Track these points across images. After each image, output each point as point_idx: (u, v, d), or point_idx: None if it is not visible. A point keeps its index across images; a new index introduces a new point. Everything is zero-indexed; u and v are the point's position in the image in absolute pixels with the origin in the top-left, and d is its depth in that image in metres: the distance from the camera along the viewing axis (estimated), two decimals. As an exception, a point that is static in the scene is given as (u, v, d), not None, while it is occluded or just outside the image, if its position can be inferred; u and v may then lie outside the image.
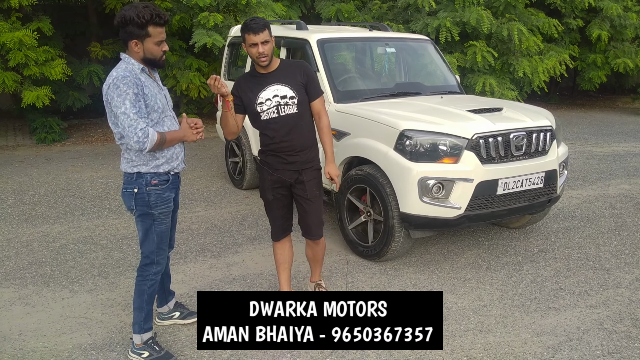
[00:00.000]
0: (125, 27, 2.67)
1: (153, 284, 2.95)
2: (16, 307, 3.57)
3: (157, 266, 2.94)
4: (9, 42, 7.38)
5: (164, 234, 2.92)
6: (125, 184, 2.85)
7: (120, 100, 2.60)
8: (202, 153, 8.10)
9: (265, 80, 3.17)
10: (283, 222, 3.42)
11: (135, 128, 2.60)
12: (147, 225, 2.86)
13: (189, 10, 8.34)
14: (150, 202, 2.82)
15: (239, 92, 3.20)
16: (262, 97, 3.15)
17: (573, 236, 4.87)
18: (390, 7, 10.81)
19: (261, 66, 3.14)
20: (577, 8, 11.61)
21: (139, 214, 2.85)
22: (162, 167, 2.83)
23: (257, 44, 3.04)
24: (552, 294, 3.78)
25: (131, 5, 2.70)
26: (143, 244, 2.91)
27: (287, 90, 3.16)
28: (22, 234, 4.84)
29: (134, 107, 2.61)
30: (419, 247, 4.58)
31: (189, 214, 5.42)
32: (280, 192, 3.31)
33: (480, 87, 9.74)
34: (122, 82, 2.61)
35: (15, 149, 8.24)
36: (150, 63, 2.78)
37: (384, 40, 5.31)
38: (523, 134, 4.07)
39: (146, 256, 2.92)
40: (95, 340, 3.20)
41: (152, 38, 2.71)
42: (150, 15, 2.65)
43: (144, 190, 2.80)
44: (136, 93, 2.63)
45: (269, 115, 3.16)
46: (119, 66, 2.71)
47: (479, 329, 3.33)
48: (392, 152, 3.93)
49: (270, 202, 3.35)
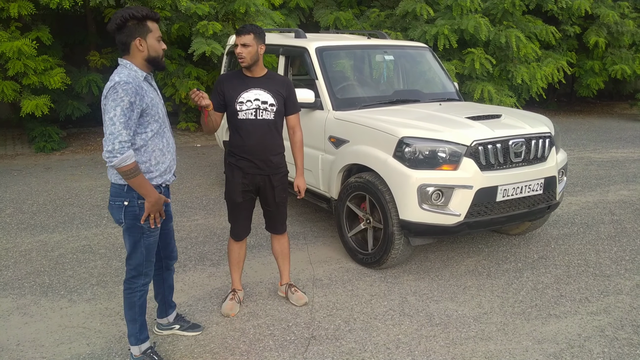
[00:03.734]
0: (125, 28, 2.61)
1: (142, 294, 2.89)
2: (14, 317, 3.55)
3: (146, 277, 2.87)
4: (8, 52, 7.38)
5: (152, 246, 2.85)
6: (113, 196, 2.75)
7: (113, 105, 2.53)
8: (201, 161, 8.09)
9: (250, 82, 3.34)
10: (247, 222, 3.59)
11: (115, 137, 2.52)
12: (136, 238, 2.78)
13: (187, 19, 8.37)
14: (140, 216, 2.74)
15: (222, 87, 3.35)
16: (244, 97, 3.32)
17: (573, 243, 4.87)
18: (389, 15, 10.86)
19: (243, 67, 3.34)
20: (574, 15, 11.68)
21: (127, 226, 2.76)
22: (154, 180, 2.77)
23: (238, 45, 3.27)
24: (553, 301, 3.77)
25: (122, 8, 2.68)
26: (131, 256, 2.82)
27: (269, 97, 3.33)
28: (20, 243, 4.82)
29: (123, 116, 2.53)
30: (419, 254, 4.57)
31: (188, 222, 5.40)
32: (249, 195, 3.48)
33: (478, 94, 9.77)
34: (121, 88, 2.53)
35: (14, 158, 8.23)
36: (153, 63, 2.72)
37: (383, 47, 5.33)
38: (522, 141, 4.07)
39: (133, 268, 2.84)
40: (94, 350, 3.17)
41: (153, 33, 2.68)
42: (146, 10, 2.65)
43: (135, 203, 2.72)
44: (132, 102, 2.55)
45: (245, 115, 3.32)
46: (121, 71, 2.63)
47: (479, 337, 3.31)
48: (391, 160, 3.93)
49: (239, 205, 3.49)
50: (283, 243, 3.71)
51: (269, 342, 3.25)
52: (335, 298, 3.80)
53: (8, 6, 7.54)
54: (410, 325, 3.45)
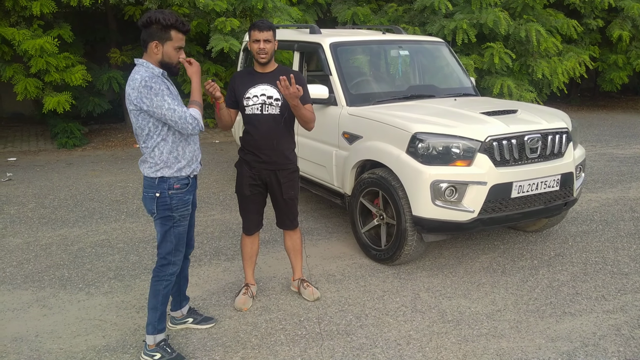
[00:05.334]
0: (149, 28, 2.76)
1: (168, 284, 3.00)
2: (34, 309, 3.64)
3: (174, 267, 3.00)
4: (30, 49, 7.54)
5: (181, 236, 2.99)
6: (146, 188, 2.91)
7: (160, 98, 2.69)
8: (219, 157, 8.16)
9: (258, 78, 3.38)
10: (257, 216, 3.62)
11: (185, 119, 2.74)
12: (167, 228, 2.93)
13: (206, 16, 8.43)
14: (172, 206, 2.89)
15: (233, 84, 3.42)
16: (251, 92, 3.36)
17: (591, 240, 4.79)
18: (407, 9, 10.79)
19: (260, 63, 3.36)
20: (597, 8, 11.43)
21: (159, 216, 2.92)
22: (184, 170, 2.91)
23: (260, 40, 3.28)
24: (568, 299, 3.72)
25: (158, 9, 2.81)
26: (161, 245, 2.97)
27: (274, 91, 3.36)
28: (41, 237, 4.93)
29: (173, 100, 2.73)
30: (433, 250, 4.55)
31: (205, 217, 5.46)
32: (257, 189, 3.50)
33: (498, 89, 9.66)
34: (152, 82, 2.70)
35: (37, 154, 8.40)
36: (166, 67, 2.84)
37: (397, 42, 5.30)
38: (538, 136, 4.02)
39: (163, 257, 2.97)
40: (109, 342, 3.24)
41: (172, 42, 2.79)
42: (175, 20, 2.76)
43: (166, 194, 2.88)
44: (167, 87, 2.75)
45: (252, 110, 3.37)
46: (139, 70, 2.77)
47: (492, 334, 3.29)
48: (404, 155, 3.92)
49: (247, 198, 3.53)
50: (295, 239, 3.73)
51: (280, 337, 3.28)
52: (348, 294, 3.82)
53: (31, 5, 7.69)
54: (422, 321, 3.45)
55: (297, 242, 3.74)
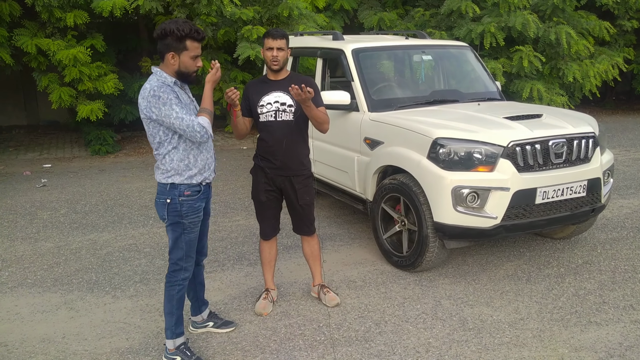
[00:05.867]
0: (164, 39, 2.81)
1: (181, 288, 3.05)
2: (61, 311, 3.75)
3: (185, 272, 3.04)
4: (64, 59, 7.80)
5: (192, 242, 3.03)
6: (158, 194, 2.97)
7: (167, 107, 2.74)
8: (246, 163, 8.25)
9: (272, 86, 3.43)
10: (274, 221, 3.65)
11: (193, 127, 2.77)
12: (177, 234, 2.97)
13: (233, 24, 8.55)
14: (182, 212, 2.93)
15: (247, 93, 3.47)
16: (265, 100, 3.41)
17: (621, 247, 4.66)
18: (433, 14, 10.72)
19: (272, 70, 3.41)
20: (631, 9, 11.13)
21: (170, 222, 2.97)
22: (195, 178, 2.94)
23: (273, 48, 3.35)
24: (595, 308, 3.63)
25: (172, 19, 2.84)
26: (172, 251, 3.02)
27: (287, 98, 3.40)
28: (72, 242, 5.08)
29: (182, 109, 2.78)
30: (457, 257, 4.50)
31: (230, 222, 5.53)
32: (273, 194, 3.54)
33: (527, 92, 9.50)
34: (160, 91, 2.74)
35: (71, 161, 8.66)
36: (182, 77, 2.89)
37: (420, 47, 5.28)
38: (563, 141, 3.94)
39: (174, 263, 3.02)
40: (132, 345, 3.31)
41: (188, 52, 2.83)
42: (189, 29, 2.79)
43: (176, 200, 2.92)
44: (176, 96, 2.79)
45: (266, 118, 3.41)
46: (151, 79, 2.84)
47: (513, 343, 3.24)
48: (425, 161, 3.90)
49: (263, 203, 3.57)
50: (312, 245, 3.75)
51: (299, 342, 3.30)
52: (368, 300, 3.81)
53: (65, 16, 7.96)
54: (442, 329, 3.41)
55: (315, 248, 3.76)
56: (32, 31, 8.20)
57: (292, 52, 3.70)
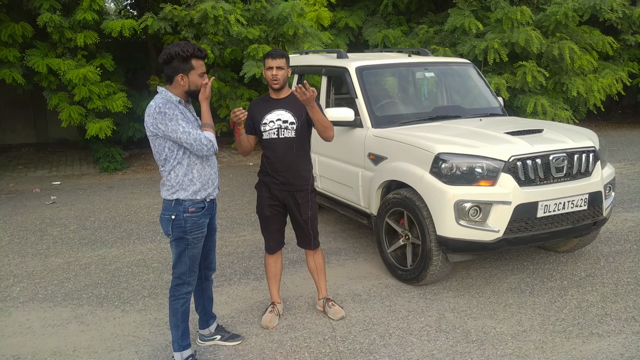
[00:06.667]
0: (171, 63, 2.92)
1: (185, 302, 3.12)
2: (72, 325, 3.83)
3: (189, 286, 3.12)
4: (74, 78, 7.99)
5: (195, 257, 3.11)
6: (163, 210, 3.06)
7: (174, 123, 2.84)
8: (252, 179, 8.34)
9: (274, 104, 3.54)
10: (278, 235, 3.73)
11: (200, 141, 2.89)
12: (181, 249, 3.06)
13: (239, 43, 8.72)
14: (186, 228, 3.01)
15: (251, 112, 3.57)
16: (267, 118, 3.53)
17: (624, 260, 4.69)
18: (437, 31, 10.86)
19: (273, 89, 3.52)
20: (634, 24, 11.22)
21: (174, 238, 3.05)
22: (199, 194, 3.02)
23: (273, 67, 3.48)
24: (597, 320, 3.66)
25: (174, 43, 2.96)
26: (176, 265, 3.10)
27: (289, 116, 3.51)
28: (81, 257, 5.17)
29: (187, 123, 2.87)
30: (460, 271, 4.55)
31: (236, 237, 5.61)
32: (277, 209, 3.63)
33: (531, 107, 9.58)
34: (166, 108, 2.85)
35: (80, 178, 8.79)
36: (193, 95, 3.01)
37: (423, 65, 5.38)
38: (563, 155, 4.01)
39: (178, 277, 3.10)
40: (142, 358, 3.38)
41: (195, 70, 2.95)
42: (192, 49, 2.92)
43: (181, 217, 3.01)
44: (181, 112, 2.90)
45: (269, 135, 3.52)
46: (155, 98, 2.95)
47: (516, 354, 3.28)
48: (428, 176, 3.97)
49: (267, 218, 3.66)
50: (317, 259, 3.82)
51: (305, 354, 3.35)
52: (373, 313, 3.86)
53: (75, 36, 8.17)
54: (446, 341, 3.46)
55: (319, 262, 3.83)
56: (43, 51, 8.40)
57: (297, 70, 3.82)
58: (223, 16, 7.97)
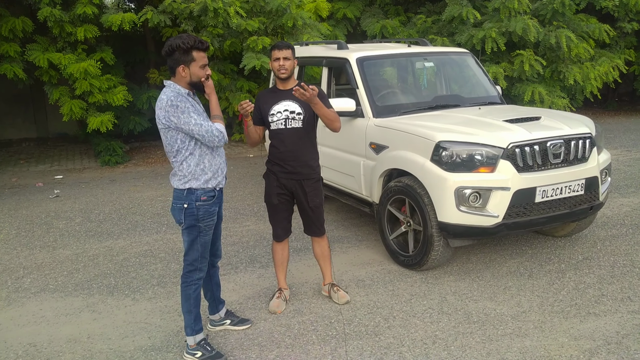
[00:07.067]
0: (173, 55, 3.01)
1: (197, 287, 3.24)
2: (84, 314, 3.93)
3: (200, 272, 3.23)
4: (75, 72, 8.03)
5: (207, 244, 3.22)
6: (175, 199, 3.16)
7: (186, 115, 2.94)
8: (253, 171, 8.44)
9: (281, 95, 3.63)
10: (286, 223, 3.84)
11: (211, 132, 2.99)
12: (193, 237, 3.16)
13: (239, 35, 8.78)
14: (198, 216, 3.12)
15: (259, 103, 3.67)
16: (275, 109, 3.62)
17: (620, 244, 4.82)
18: (435, 20, 10.92)
19: (280, 79, 3.61)
20: (631, 11, 11.29)
21: (186, 226, 3.15)
22: (210, 182, 3.13)
23: (280, 58, 3.57)
24: (594, 300, 3.79)
25: (176, 36, 3.05)
26: (188, 253, 3.20)
27: (296, 106, 3.60)
28: (89, 249, 5.26)
29: (199, 116, 2.97)
30: (461, 256, 4.66)
31: (240, 227, 5.71)
32: (284, 197, 3.74)
33: (529, 96, 9.67)
34: (178, 101, 2.95)
35: (82, 172, 8.86)
36: (195, 86, 3.10)
37: (422, 55, 5.46)
38: (560, 142, 4.11)
39: (190, 264, 3.21)
40: (155, 343, 3.49)
41: (196, 62, 3.03)
42: (193, 41, 3.00)
43: (193, 205, 3.11)
44: (192, 104, 3.00)
45: (277, 126, 3.61)
46: (166, 91, 3.03)
47: (516, 334, 3.40)
48: (429, 164, 4.07)
49: (275, 206, 3.77)
50: (323, 245, 3.92)
51: (312, 337, 3.47)
52: (377, 297, 3.97)
53: (75, 31, 8.21)
54: (448, 322, 3.58)
55: (325, 249, 3.93)
56: (43, 46, 8.45)
57: (298, 61, 3.90)
58: (222, 8, 8.02)
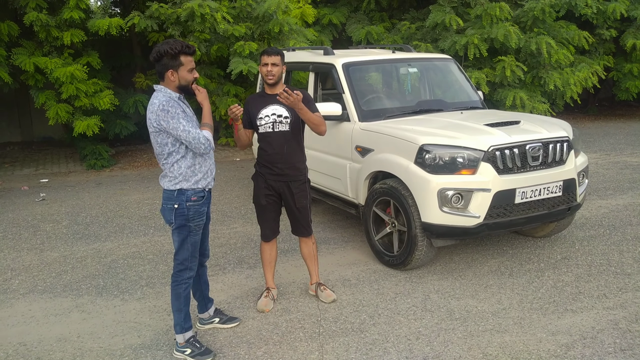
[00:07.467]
0: (161, 60, 3.09)
1: (187, 286, 3.31)
2: (74, 314, 3.98)
3: (190, 271, 3.31)
4: (62, 77, 8.04)
5: (196, 244, 3.30)
6: (165, 200, 3.23)
7: (175, 121, 3.02)
8: (240, 174, 8.51)
9: (269, 100, 3.72)
10: (274, 224, 3.92)
11: (198, 140, 3.06)
12: (184, 236, 3.24)
13: (225, 40, 8.85)
14: (188, 216, 3.20)
15: (248, 107, 3.77)
16: (263, 113, 3.72)
17: (597, 244, 4.98)
18: (419, 27, 11.11)
19: (268, 84, 3.71)
20: (609, 19, 11.59)
21: (177, 226, 3.23)
22: (200, 183, 3.22)
23: (268, 64, 3.66)
24: (571, 298, 3.93)
25: (163, 41, 3.13)
26: (178, 252, 3.28)
27: (284, 110, 3.71)
28: (76, 251, 5.29)
29: (188, 123, 3.04)
30: (444, 256, 4.79)
31: (228, 230, 5.78)
32: (272, 198, 3.83)
33: (510, 101, 9.88)
34: (169, 106, 3.02)
35: (67, 175, 8.85)
36: (183, 90, 3.18)
37: (406, 61, 5.60)
38: (539, 145, 4.26)
39: (180, 263, 3.28)
40: (144, 341, 3.55)
41: (185, 66, 3.12)
42: (181, 46, 3.09)
43: (184, 205, 3.19)
44: (183, 110, 3.08)
45: (265, 129, 3.71)
46: (157, 95, 3.11)
47: (496, 330, 3.52)
48: (413, 166, 4.19)
49: (264, 207, 3.85)
50: (309, 245, 4.02)
51: (300, 334, 3.56)
52: (362, 296, 4.07)
53: (62, 35, 8.23)
54: (431, 319, 3.69)
55: (312, 249, 4.03)
56: (29, 50, 8.45)
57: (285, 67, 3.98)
58: (209, 14, 8.10)
